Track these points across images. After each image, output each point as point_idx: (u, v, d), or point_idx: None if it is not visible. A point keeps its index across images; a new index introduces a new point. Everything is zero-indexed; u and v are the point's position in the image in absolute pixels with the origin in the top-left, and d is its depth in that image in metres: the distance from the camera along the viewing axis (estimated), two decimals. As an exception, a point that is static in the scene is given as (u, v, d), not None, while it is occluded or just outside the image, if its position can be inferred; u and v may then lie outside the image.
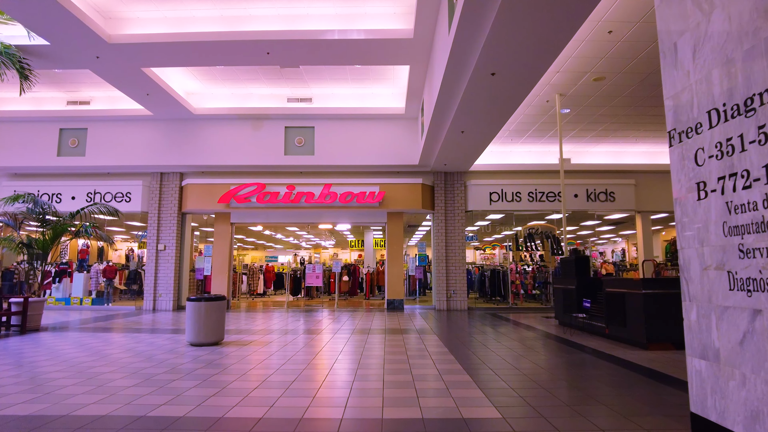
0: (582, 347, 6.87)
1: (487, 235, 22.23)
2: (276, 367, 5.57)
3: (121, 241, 20.66)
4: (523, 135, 12.84)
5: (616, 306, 7.27)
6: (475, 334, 8.27)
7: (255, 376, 5.09)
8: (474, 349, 6.70)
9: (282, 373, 5.24)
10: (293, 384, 4.72)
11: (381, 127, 13.48)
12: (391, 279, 13.88)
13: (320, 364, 5.74)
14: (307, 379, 4.92)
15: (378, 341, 7.45)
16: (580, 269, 8.82)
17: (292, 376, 5.09)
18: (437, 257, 13.76)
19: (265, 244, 33.28)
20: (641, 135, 12.99)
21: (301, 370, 5.36)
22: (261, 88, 12.75)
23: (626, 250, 23.85)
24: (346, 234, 25.12)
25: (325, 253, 37.18)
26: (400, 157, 13.38)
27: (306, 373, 5.21)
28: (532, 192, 13.84)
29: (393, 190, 13.46)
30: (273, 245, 34.92)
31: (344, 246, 31.14)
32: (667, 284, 6.63)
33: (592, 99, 10.31)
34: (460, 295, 13.58)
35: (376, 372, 5.25)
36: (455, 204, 13.91)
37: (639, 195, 14.06)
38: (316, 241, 31.27)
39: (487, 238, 23.53)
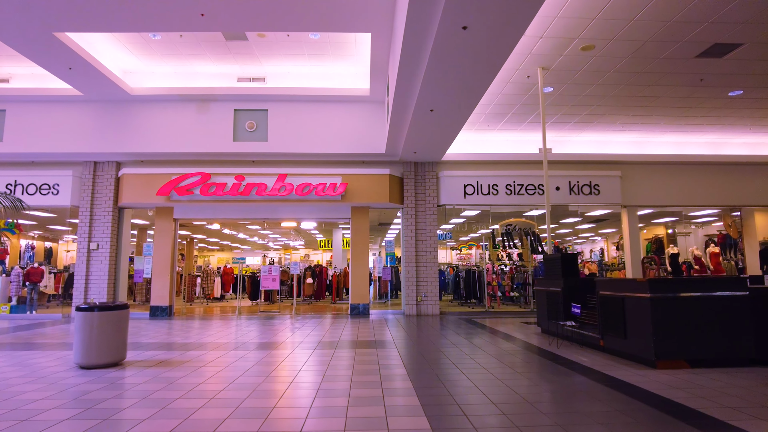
0: (574, 365, 5.54)
1: (463, 234, 20.97)
2: (164, 404, 4.07)
3: (72, 241, 18.72)
4: (501, 120, 11.56)
5: (613, 313, 5.98)
6: (445, 348, 6.88)
7: (127, 421, 3.59)
8: (441, 372, 5.30)
9: (165, 417, 3.75)
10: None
11: (343, 110, 12.04)
12: (355, 281, 12.43)
13: (224, 400, 4.26)
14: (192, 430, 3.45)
15: (321, 362, 6.00)
16: (567, 269, 7.53)
17: (174, 422, 3.60)
18: (407, 256, 12.38)
19: (230, 244, 31.48)
20: (629, 121, 11.84)
21: (192, 411, 3.87)
22: (207, 65, 11.21)
23: (605, 250, 22.94)
24: (314, 233, 23.56)
25: (295, 254, 35.58)
26: (365, 144, 11.96)
27: (195, 419, 3.72)
28: (509, 185, 12.57)
29: (357, 181, 12.02)
30: (239, 246, 33.15)
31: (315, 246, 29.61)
32: (680, 287, 5.35)
33: (579, 74, 9.06)
34: (432, 299, 12.22)
35: (294, 417, 3.79)
36: (426, 197, 12.55)
37: (625, 188, 12.93)
38: (284, 242, 29.62)
39: (463, 237, 22.30)
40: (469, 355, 6.26)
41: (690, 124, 12.09)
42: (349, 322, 10.64)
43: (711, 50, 8.12)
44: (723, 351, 5.31)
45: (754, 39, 7.81)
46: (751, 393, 4.21)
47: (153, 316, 12.16)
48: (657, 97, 10.25)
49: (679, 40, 7.76)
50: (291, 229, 20.16)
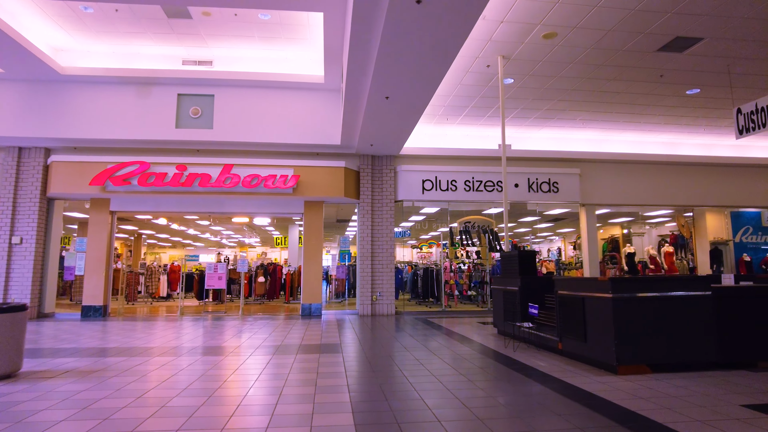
0: (531, 371, 5.11)
1: (423, 232, 20.62)
2: (41, 428, 3.36)
3: None
4: (461, 113, 11.14)
5: (572, 314, 5.60)
6: (395, 353, 6.36)
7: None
8: (386, 381, 4.76)
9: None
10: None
11: (296, 98, 11.35)
12: (307, 280, 11.76)
13: (119, 421, 3.58)
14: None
15: (253, 371, 5.36)
16: (524, 267, 7.14)
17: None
18: (362, 254, 11.81)
19: (182, 241, 30.07)
20: (589, 118, 11.67)
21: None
22: (149, 46, 10.31)
23: (562, 249, 23.08)
24: (269, 230, 22.67)
25: (252, 251, 34.51)
26: (319, 135, 11.32)
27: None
28: (468, 181, 12.20)
29: (310, 174, 11.35)
30: (192, 243, 31.78)
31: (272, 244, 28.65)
32: (643, 286, 5.00)
33: (540, 65, 8.72)
34: (387, 298, 11.70)
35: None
36: (383, 192, 12.02)
37: (584, 186, 12.79)
38: (238, 239, 28.51)
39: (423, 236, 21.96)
40: (420, 360, 5.75)
41: (649, 123, 12.04)
42: (298, 323, 9.99)
43: (672, 44, 7.92)
44: (686, 354, 5.00)
45: (715, 34, 7.64)
46: (720, 402, 3.86)
47: (85, 317, 11.13)
48: (617, 93, 10.06)
49: (642, 31, 7.51)
50: (243, 225, 19.23)
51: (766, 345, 5.21)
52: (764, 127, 8.06)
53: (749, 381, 4.57)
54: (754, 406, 3.76)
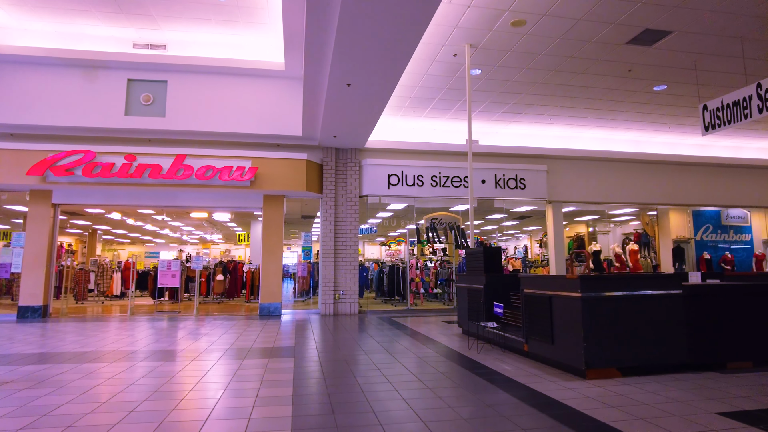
0: (495, 376, 4.76)
1: (392, 229, 20.26)
2: None
3: None
4: (428, 105, 10.78)
5: (539, 314, 5.28)
6: (353, 357, 5.93)
7: None
8: (337, 392, 4.32)
9: None
10: None
11: (255, 86, 10.78)
12: (266, 279, 11.19)
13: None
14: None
15: (190, 379, 4.84)
16: (490, 264, 6.81)
17: None
18: (324, 251, 11.32)
19: (141, 237, 28.82)
20: (557, 113, 11.49)
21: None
22: (97, 26, 9.56)
23: (528, 247, 23.12)
24: (231, 226, 21.87)
25: (215, 248, 33.52)
26: (280, 125, 10.78)
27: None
28: (435, 176, 11.86)
29: (269, 166, 10.78)
30: (152, 239, 30.55)
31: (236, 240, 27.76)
32: (614, 285, 4.70)
33: (508, 55, 8.42)
34: (351, 297, 11.25)
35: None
36: (348, 187, 11.55)
37: (551, 183, 12.64)
38: (200, 235, 27.50)
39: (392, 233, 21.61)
40: (378, 365, 5.34)
41: (616, 120, 11.96)
42: (254, 324, 9.43)
43: (641, 37, 7.73)
44: (657, 356, 4.74)
45: (683, 27, 7.49)
46: (694, 411, 3.58)
47: (21, 318, 10.27)
48: (586, 87, 9.88)
49: (612, 22, 7.28)
50: (203, 220, 18.42)
51: (734, 345, 5.02)
52: (729, 124, 7.98)
53: (721, 384, 4.34)
54: (730, 414, 3.49)
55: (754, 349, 5.09)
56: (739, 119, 7.74)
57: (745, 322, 5.09)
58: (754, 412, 3.55)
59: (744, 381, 4.47)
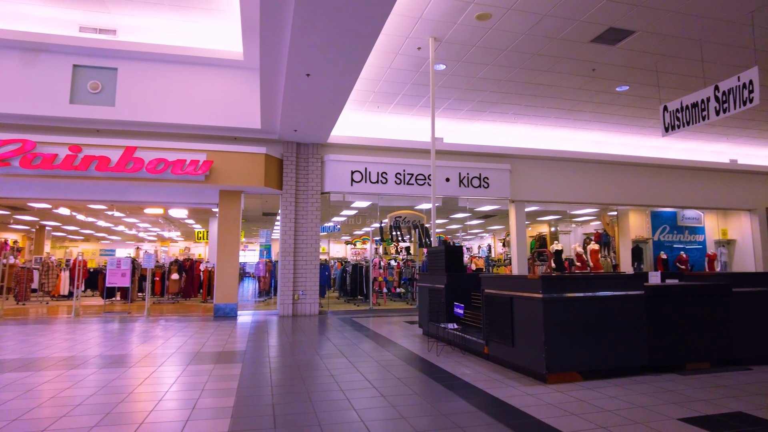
0: (454, 382, 4.54)
1: (357, 228, 19.96)
2: None
3: None
4: (392, 101, 10.53)
5: (499, 315, 5.10)
6: (306, 362, 5.61)
7: None
8: (283, 401, 4.01)
9: None
10: None
11: (211, 76, 10.28)
12: (221, 278, 10.70)
13: None
14: None
15: (125, 387, 4.43)
16: (451, 263, 6.61)
17: None
18: (284, 249, 10.92)
19: (95, 234, 27.53)
20: (521, 113, 11.44)
21: None
22: (38, 6, 8.88)
23: (492, 246, 23.24)
24: (189, 223, 21.09)
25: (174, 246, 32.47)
26: (237, 117, 10.32)
27: None
28: (399, 173, 11.63)
29: (226, 160, 10.30)
30: (107, 236, 29.25)
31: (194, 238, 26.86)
32: (576, 285, 4.55)
33: (473, 51, 8.25)
34: (311, 297, 10.90)
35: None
36: (309, 183, 11.18)
37: (514, 182, 12.60)
38: (157, 232, 26.49)
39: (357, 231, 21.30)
40: (332, 371, 5.04)
41: (579, 120, 12.02)
42: (207, 326, 8.97)
43: (606, 35, 7.70)
44: (619, 359, 4.62)
45: (647, 27, 7.49)
46: (656, 417, 3.45)
47: (-50, 320, 9.48)
48: (550, 86, 9.84)
49: (577, 18, 7.20)
50: (159, 216, 17.65)
51: (692, 346, 4.97)
52: (688, 125, 8.05)
53: (681, 387, 4.25)
54: (692, 420, 3.37)
55: (711, 349, 5.06)
56: (698, 121, 7.81)
57: (702, 323, 5.04)
58: (714, 417, 3.45)
59: (703, 383, 4.40)
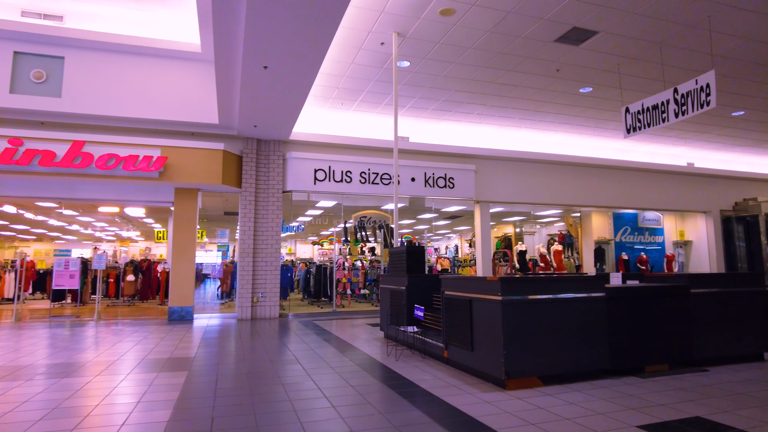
0: (411, 389, 4.34)
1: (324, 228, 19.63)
2: None
3: None
4: (357, 98, 10.30)
5: (458, 318, 4.93)
6: (261, 369, 5.32)
7: None
8: (224, 414, 3.72)
9: None
10: None
11: (167, 68, 9.81)
12: (177, 280, 10.23)
13: None
14: None
15: (55, 397, 4.06)
16: (412, 264, 6.43)
17: None
18: (242, 250, 10.53)
19: (48, 234, 26.23)
20: (486, 113, 11.39)
21: None
22: (-30, -15, 8.26)
23: (459, 247, 23.29)
24: (148, 222, 20.31)
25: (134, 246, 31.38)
26: (194, 112, 9.88)
27: None
28: (364, 172, 11.39)
29: (182, 156, 9.84)
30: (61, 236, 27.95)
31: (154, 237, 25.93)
32: (536, 287, 4.43)
33: (438, 48, 8.10)
34: (272, 299, 10.54)
35: None
36: (270, 181, 10.82)
37: (479, 183, 12.55)
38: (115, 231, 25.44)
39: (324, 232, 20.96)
40: (284, 379, 4.77)
41: (543, 121, 12.05)
42: (160, 330, 8.53)
43: (569, 35, 7.67)
44: (579, 363, 4.52)
45: (610, 28, 7.49)
46: (616, 424, 3.33)
47: None
48: (514, 86, 9.80)
49: (541, 17, 7.13)
50: (115, 215, 16.86)
51: (652, 348, 4.92)
52: (649, 127, 8.11)
53: (641, 391, 4.17)
54: (651, 427, 3.27)
55: (670, 351, 5.02)
56: (658, 122, 7.87)
57: (662, 324, 5.01)
58: (673, 423, 3.35)
59: (662, 386, 4.34)
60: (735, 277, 5.64)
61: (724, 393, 4.12)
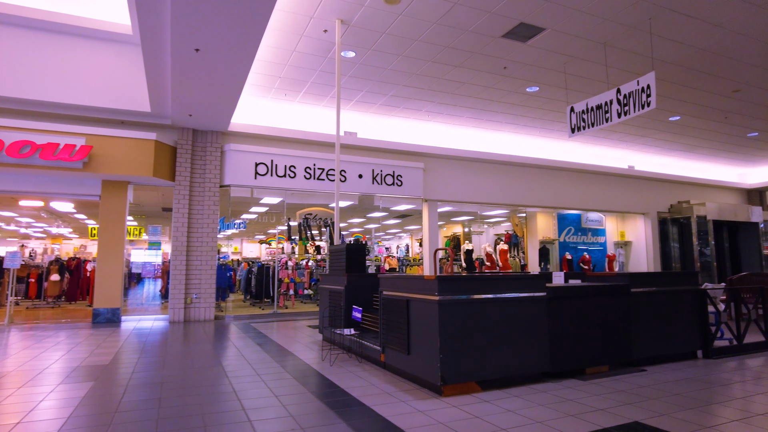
0: (344, 399, 4.00)
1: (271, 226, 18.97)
2: None
3: None
4: (301, 89, 9.86)
5: (396, 320, 4.64)
6: (179, 377, 4.83)
7: None
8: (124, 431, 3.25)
9: None
10: None
11: (94, 50, 9.03)
12: (102, 279, 9.46)
13: None
14: None
15: None
16: (352, 263, 6.09)
17: None
18: (175, 248, 9.87)
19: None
20: (435, 110, 11.22)
21: None
22: None
23: (410, 246, 23.19)
24: (80, 218, 18.94)
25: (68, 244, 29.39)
26: (124, 98, 9.15)
27: None
28: (309, 167, 10.96)
29: (109, 146, 9.08)
30: (-17, 231, 25.75)
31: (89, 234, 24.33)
32: (476, 287, 4.19)
33: (384, 39, 7.80)
34: (207, 300, 9.93)
35: None
36: (206, 175, 10.19)
37: (427, 181, 12.37)
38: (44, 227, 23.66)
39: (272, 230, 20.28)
40: (201, 389, 4.32)
41: (491, 120, 12.02)
42: (80, 334, 7.79)
43: (517, 30, 7.56)
44: (519, 366, 4.32)
45: (556, 26, 7.44)
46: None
47: None
48: (462, 83, 9.65)
49: (489, 10, 6.96)
50: (39, 210, 15.57)
51: (592, 350, 4.81)
52: (593, 127, 8.14)
53: (580, 395, 4.01)
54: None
55: (610, 352, 4.94)
56: (602, 122, 7.91)
57: (603, 325, 4.91)
58: (612, 430, 3.19)
59: (601, 389, 4.21)
60: (672, 276, 5.66)
61: (662, 394, 4.03)
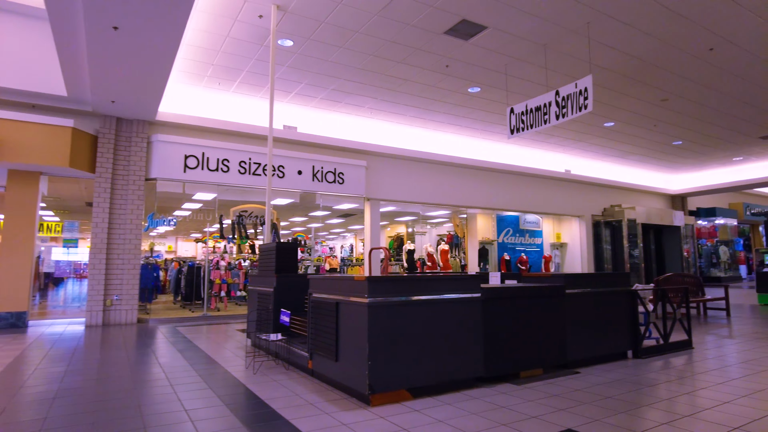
0: (262, 411, 3.65)
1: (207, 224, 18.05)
2: None
3: None
4: (236, 78, 9.33)
5: (324, 323, 4.34)
6: (76, 390, 4.29)
7: None
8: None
9: None
10: None
11: (5, 25, 8.11)
12: (6, 279, 8.51)
13: None
14: None
15: None
16: (282, 263, 5.72)
17: None
18: (95, 245, 9.07)
19: None
20: (377, 107, 10.99)
21: None
22: None
23: (354, 246, 22.91)
24: None
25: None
26: (36, 80, 8.29)
27: None
28: (244, 162, 10.42)
29: (17, 131, 8.19)
30: None
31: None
32: (410, 288, 3.95)
33: (323, 28, 7.46)
34: (129, 302, 9.19)
35: None
36: (131, 166, 9.44)
37: (370, 180, 12.13)
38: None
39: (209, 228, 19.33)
40: (100, 405, 3.83)
41: (433, 120, 11.95)
42: (-31, 340, 6.92)
43: (459, 27, 7.44)
44: (452, 372, 4.13)
45: (498, 24, 7.39)
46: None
47: None
48: (405, 81, 9.48)
49: (431, 4, 6.79)
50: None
51: (527, 352, 4.71)
52: (532, 128, 8.18)
53: (513, 402, 3.87)
54: (522, 445, 2.91)
55: (545, 354, 4.86)
56: (540, 124, 7.95)
57: (538, 327, 4.83)
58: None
59: (536, 394, 4.10)
60: (606, 277, 5.69)
61: (594, 398, 3.96)
